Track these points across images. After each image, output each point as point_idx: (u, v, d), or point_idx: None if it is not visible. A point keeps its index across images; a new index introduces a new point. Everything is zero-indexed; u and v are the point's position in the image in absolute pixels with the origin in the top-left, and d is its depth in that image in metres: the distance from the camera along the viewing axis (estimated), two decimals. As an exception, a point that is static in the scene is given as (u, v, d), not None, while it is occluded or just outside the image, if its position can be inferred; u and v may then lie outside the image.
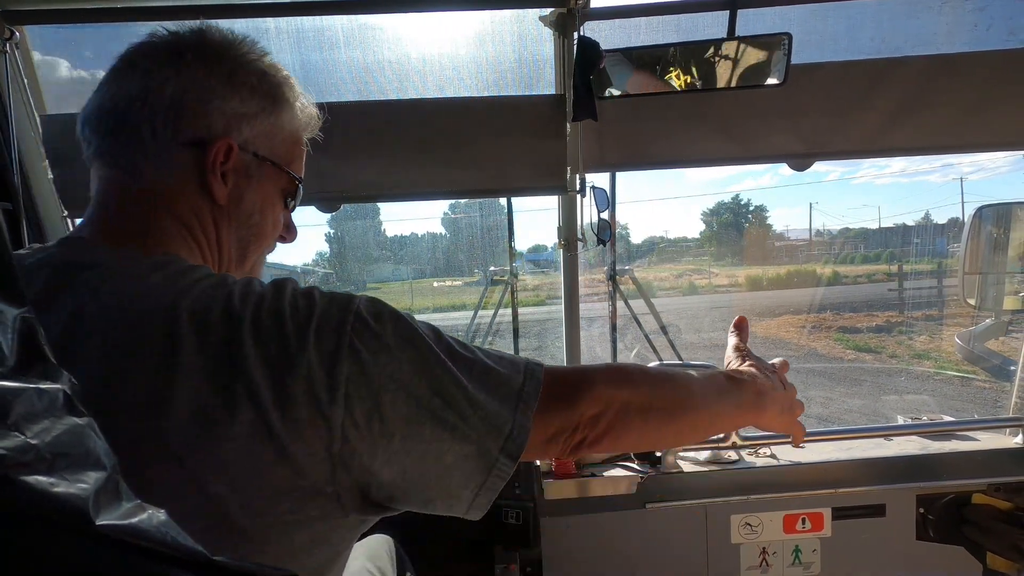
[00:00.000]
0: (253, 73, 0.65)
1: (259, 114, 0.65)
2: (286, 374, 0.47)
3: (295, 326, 0.49)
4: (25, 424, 0.27)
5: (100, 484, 0.28)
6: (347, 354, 0.49)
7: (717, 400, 0.72)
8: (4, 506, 0.25)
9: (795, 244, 23.62)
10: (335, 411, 0.48)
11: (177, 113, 0.60)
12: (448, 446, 0.53)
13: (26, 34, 1.44)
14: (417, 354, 0.53)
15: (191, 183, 0.62)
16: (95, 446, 0.30)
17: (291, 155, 0.70)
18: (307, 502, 0.49)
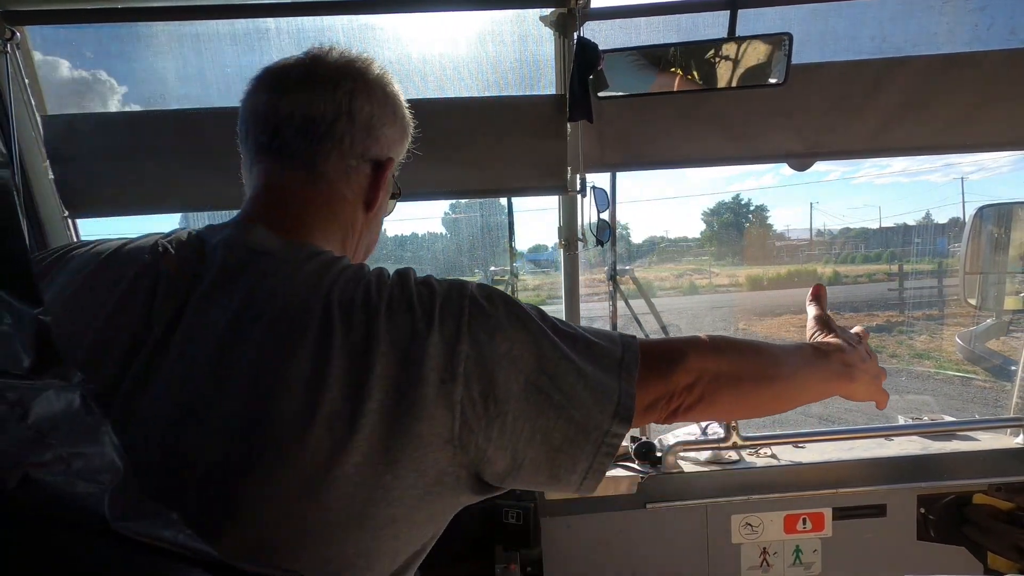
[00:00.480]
0: (402, 106, 0.75)
1: (400, 140, 0.76)
2: (414, 356, 0.52)
3: (422, 312, 0.54)
4: (44, 425, 0.27)
5: (115, 484, 0.29)
6: (466, 335, 0.54)
7: (804, 371, 0.74)
8: (24, 506, 0.25)
9: (796, 244, 23.62)
10: (455, 390, 0.52)
11: (368, 133, 0.69)
12: (555, 424, 0.56)
13: (27, 34, 1.44)
14: (526, 332, 0.57)
15: (359, 194, 0.70)
16: (110, 447, 0.31)
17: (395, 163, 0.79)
18: (428, 482, 0.53)
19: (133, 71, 1.56)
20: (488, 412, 0.53)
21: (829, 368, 0.76)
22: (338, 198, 0.67)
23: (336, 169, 0.66)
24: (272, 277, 0.56)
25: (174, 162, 1.49)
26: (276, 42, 1.53)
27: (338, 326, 0.52)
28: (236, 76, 1.56)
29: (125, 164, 1.49)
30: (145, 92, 1.57)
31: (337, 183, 0.67)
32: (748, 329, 12.53)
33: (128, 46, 1.55)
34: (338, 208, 0.68)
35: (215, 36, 1.50)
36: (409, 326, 0.53)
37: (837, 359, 0.76)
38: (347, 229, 0.69)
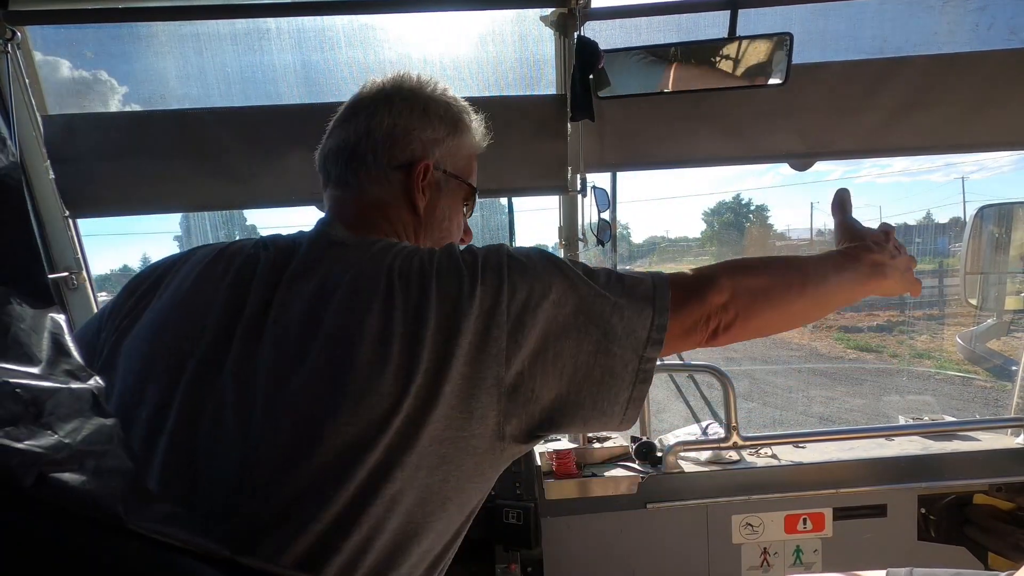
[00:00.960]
0: (440, 106, 0.80)
1: (446, 138, 0.80)
2: (462, 309, 0.59)
3: (468, 272, 0.62)
4: (58, 423, 0.28)
5: (128, 482, 0.29)
6: (506, 285, 0.61)
7: (835, 276, 0.78)
8: (40, 503, 0.25)
9: (796, 244, 23.58)
10: (501, 335, 0.59)
11: (391, 143, 0.76)
12: (595, 359, 0.62)
13: (27, 34, 1.44)
14: (562, 277, 0.64)
15: (400, 197, 0.77)
16: (122, 445, 0.31)
17: (469, 168, 0.85)
18: (476, 427, 0.59)
19: (133, 71, 1.56)
20: (531, 353, 0.60)
21: (859, 270, 0.80)
22: (381, 204, 0.77)
23: (369, 181, 0.77)
24: (346, 259, 0.65)
25: (175, 162, 1.49)
26: (276, 42, 1.54)
27: (398, 291, 0.60)
28: (236, 76, 1.56)
29: (126, 164, 1.49)
30: (145, 92, 1.57)
31: (374, 192, 0.77)
32: (748, 329, 12.51)
33: (128, 46, 1.55)
34: (385, 212, 0.77)
35: (215, 36, 1.50)
36: (457, 284, 0.61)
37: (867, 260, 0.80)
38: (399, 231, 0.77)
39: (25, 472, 0.25)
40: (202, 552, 0.31)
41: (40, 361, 0.28)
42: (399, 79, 0.82)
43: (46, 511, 0.26)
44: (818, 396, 7.82)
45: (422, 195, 0.78)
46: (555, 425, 0.63)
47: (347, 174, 0.78)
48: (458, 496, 0.61)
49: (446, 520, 0.62)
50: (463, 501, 0.63)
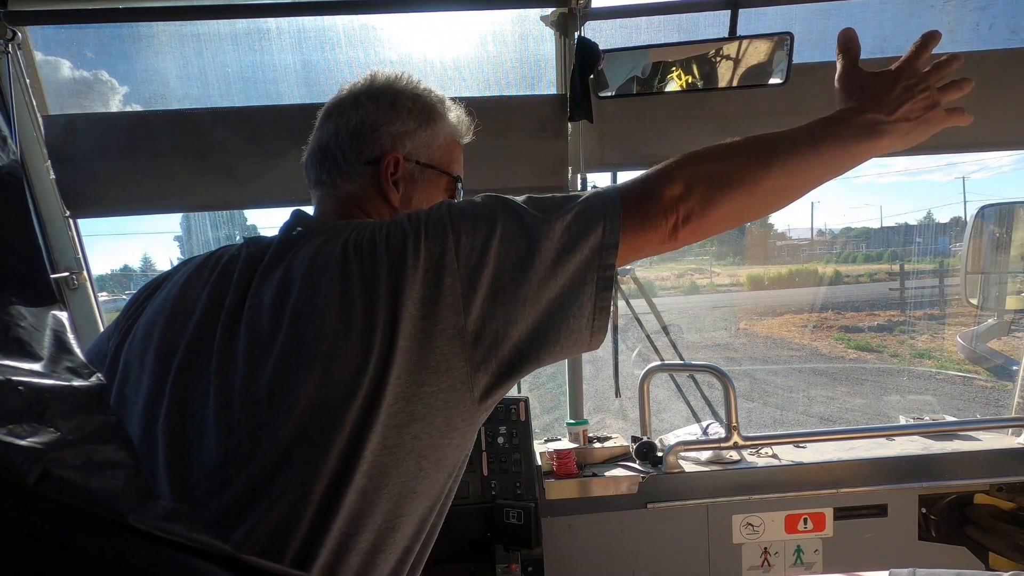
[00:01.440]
0: (408, 98, 0.81)
1: (417, 130, 0.81)
2: (410, 262, 0.60)
3: (411, 228, 0.63)
4: (60, 421, 0.28)
5: (129, 479, 0.29)
6: (450, 231, 0.62)
7: (811, 145, 0.72)
8: (43, 500, 0.26)
9: (797, 243, 23.58)
10: (454, 283, 0.60)
11: (358, 140, 0.79)
12: (554, 282, 0.62)
13: (28, 34, 1.44)
14: (506, 209, 0.64)
15: (374, 191, 0.79)
16: (125, 442, 0.31)
17: (448, 158, 0.85)
18: (443, 380, 0.60)
19: (134, 71, 1.56)
20: (489, 294, 0.61)
21: (842, 134, 0.72)
22: (356, 199, 0.79)
23: (342, 178, 0.79)
24: (310, 243, 0.67)
25: (175, 162, 1.49)
26: (277, 42, 1.54)
27: (353, 260, 0.62)
28: (237, 76, 1.56)
29: (126, 164, 1.49)
30: (146, 92, 1.57)
31: (348, 188, 0.79)
32: (749, 328, 12.53)
33: (129, 46, 1.55)
34: (362, 206, 0.79)
35: (216, 36, 1.51)
36: (402, 243, 0.62)
37: (857, 121, 0.72)
38: (376, 219, 0.77)
39: (28, 469, 0.25)
40: (204, 549, 0.31)
41: (42, 359, 0.29)
42: (371, 77, 0.84)
43: (49, 508, 0.26)
44: (819, 396, 7.81)
45: (394, 188, 0.79)
46: (528, 359, 0.63)
47: (322, 174, 0.80)
48: (432, 454, 0.61)
49: (426, 482, 0.62)
50: (439, 458, 0.63)
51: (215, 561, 0.31)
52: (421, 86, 0.84)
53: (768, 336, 11.84)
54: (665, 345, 1.99)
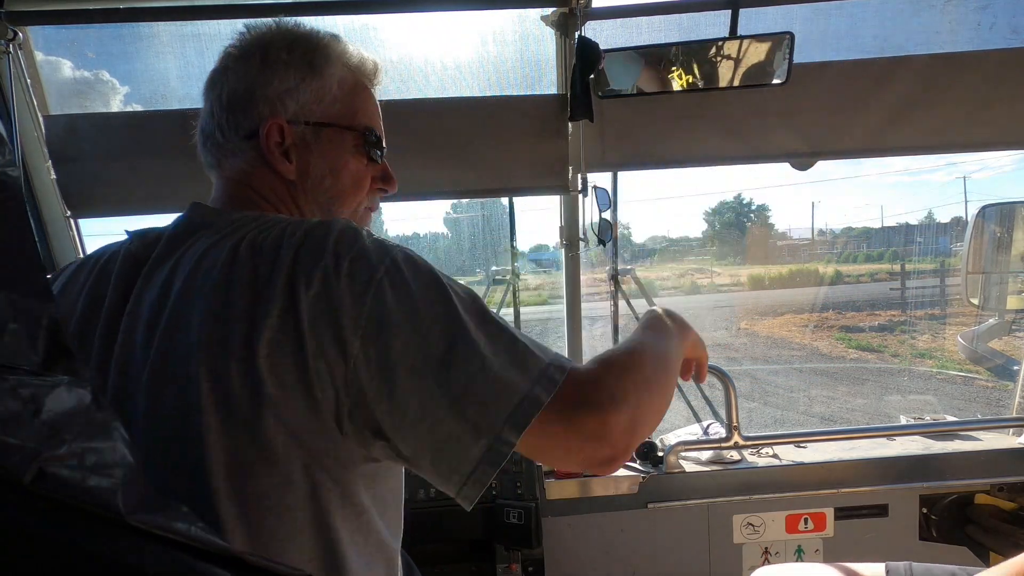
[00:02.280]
0: (282, 49, 0.69)
1: (300, 84, 0.68)
2: (307, 291, 0.52)
3: (333, 256, 0.54)
4: (57, 420, 0.28)
5: (127, 478, 0.29)
6: (373, 291, 0.53)
7: (675, 345, 0.73)
8: (40, 499, 0.26)
9: (797, 243, 23.58)
10: (354, 342, 0.52)
11: (232, 112, 0.68)
12: (446, 415, 0.52)
13: (29, 35, 1.44)
14: (443, 307, 0.54)
15: (263, 167, 0.69)
16: (121, 441, 0.31)
17: (350, 109, 0.72)
18: (318, 423, 0.53)
19: (135, 71, 1.56)
20: (380, 375, 0.52)
21: (673, 334, 0.74)
22: (246, 178, 0.69)
23: (226, 157, 0.70)
24: (204, 239, 0.60)
25: (176, 162, 1.49)
26: (277, 42, 1.53)
27: (245, 263, 0.54)
28: (237, 76, 1.56)
29: (127, 164, 1.49)
30: (147, 92, 1.57)
31: (235, 166, 0.70)
32: (750, 328, 12.52)
33: (130, 46, 1.55)
34: (253, 185, 0.69)
35: (217, 36, 1.50)
36: (312, 264, 0.53)
37: (667, 322, 0.76)
38: (273, 201, 0.70)
39: (24, 468, 0.25)
40: (202, 547, 0.31)
41: (38, 359, 0.29)
42: (241, 35, 0.72)
43: (46, 507, 0.26)
44: (819, 396, 7.81)
45: (284, 160, 0.68)
46: (398, 457, 0.56)
47: (208, 156, 0.72)
48: (325, 481, 0.54)
49: (330, 516, 0.55)
50: (342, 495, 0.56)
51: (214, 560, 0.31)
52: (299, 30, 0.72)
53: (769, 336, 11.84)
54: (666, 345, 1.99)
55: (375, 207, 0.80)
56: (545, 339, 7.11)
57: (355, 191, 0.74)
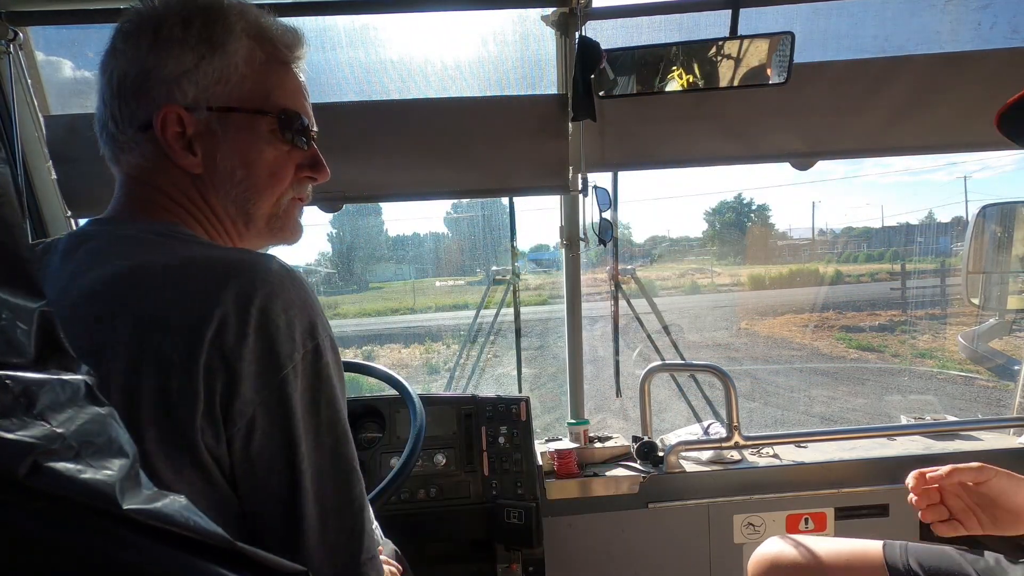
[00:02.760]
0: (175, 26, 0.59)
1: (200, 64, 0.59)
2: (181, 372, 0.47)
3: (237, 318, 0.49)
4: (50, 414, 0.28)
5: (124, 471, 0.29)
6: (269, 395, 0.50)
7: None
8: (34, 493, 0.25)
9: (798, 243, 23.55)
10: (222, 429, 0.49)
11: (123, 100, 0.60)
12: None
13: (29, 35, 1.44)
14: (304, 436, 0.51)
15: (164, 161, 0.61)
16: (118, 434, 0.31)
17: (263, 88, 0.63)
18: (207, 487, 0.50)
19: (135, 71, 1.56)
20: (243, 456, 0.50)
21: None
22: (147, 175, 0.62)
23: (123, 151, 0.62)
24: (83, 257, 0.54)
25: (176, 162, 1.49)
26: (278, 42, 1.53)
27: (131, 297, 0.49)
28: (238, 76, 1.56)
29: (127, 164, 1.49)
30: (147, 92, 1.57)
31: (133, 162, 0.62)
32: (750, 328, 12.51)
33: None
34: (156, 183, 0.62)
35: (217, 36, 1.50)
36: (206, 309, 0.48)
37: None
38: (178, 199, 0.62)
39: (18, 462, 0.25)
40: (200, 539, 0.31)
41: (30, 355, 0.29)
42: (134, 10, 0.61)
43: (41, 500, 0.26)
44: (820, 396, 7.80)
45: (187, 152, 0.60)
46: None
47: (106, 150, 0.63)
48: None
49: None
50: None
51: (212, 555, 0.31)
52: (200, 2, 0.60)
53: (769, 336, 11.83)
54: (666, 345, 1.99)
55: (305, 197, 0.72)
56: (545, 339, 7.13)
57: (274, 182, 0.65)
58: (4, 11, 1.35)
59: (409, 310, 11.54)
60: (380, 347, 9.66)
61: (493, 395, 1.59)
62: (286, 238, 0.71)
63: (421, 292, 13.17)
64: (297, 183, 0.68)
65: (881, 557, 1.10)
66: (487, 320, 2.21)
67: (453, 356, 2.49)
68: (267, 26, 0.63)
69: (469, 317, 2.37)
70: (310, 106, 0.69)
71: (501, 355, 4.07)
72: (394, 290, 13.23)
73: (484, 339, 2.29)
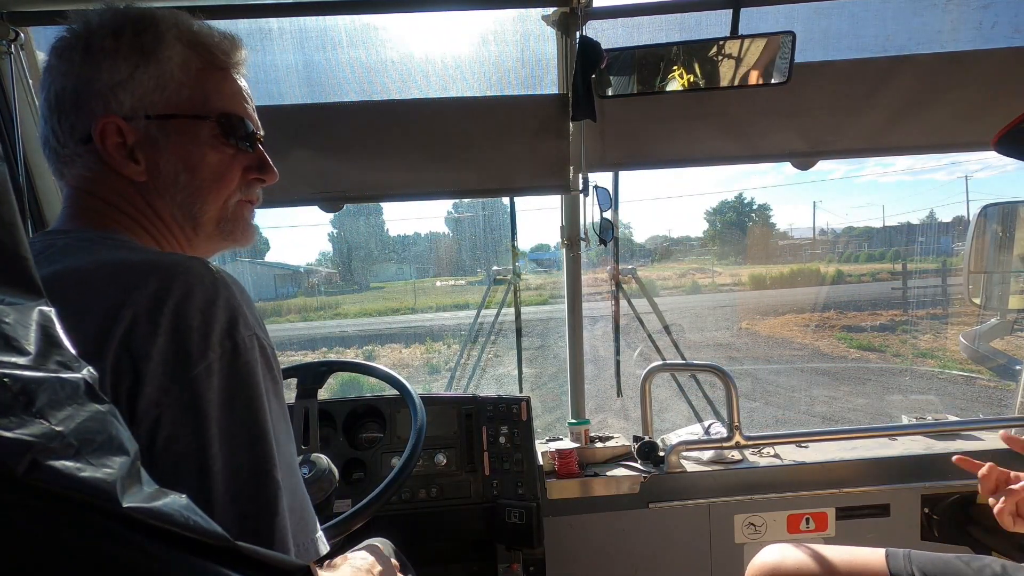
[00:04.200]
0: (105, 36, 0.60)
1: (134, 73, 0.60)
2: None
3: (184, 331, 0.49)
4: (50, 412, 0.28)
5: (124, 469, 0.29)
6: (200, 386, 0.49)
7: None
8: (33, 490, 0.25)
9: (799, 243, 23.53)
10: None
11: (63, 115, 0.60)
12: None
13: (31, 35, 1.44)
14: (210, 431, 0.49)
15: (107, 172, 0.61)
16: (118, 432, 0.31)
17: (200, 93, 0.64)
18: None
19: (136, 71, 1.56)
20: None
21: None
22: (91, 187, 0.62)
23: (66, 165, 0.63)
24: (56, 262, 0.54)
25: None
26: (278, 42, 1.54)
27: (58, 299, 0.48)
28: (239, 76, 1.56)
29: (128, 164, 1.49)
30: (148, 92, 1.57)
31: (77, 175, 0.62)
32: (751, 328, 12.51)
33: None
34: (100, 195, 0.62)
35: (218, 36, 1.51)
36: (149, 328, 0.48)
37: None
38: (122, 207, 0.62)
39: (16, 460, 0.25)
40: (199, 537, 0.31)
41: (29, 353, 0.28)
42: (68, 28, 0.62)
43: (40, 498, 0.26)
44: (821, 395, 7.80)
45: (130, 161, 0.61)
46: None
47: (51, 165, 0.64)
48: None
49: None
50: None
51: (210, 552, 0.31)
52: (131, 11, 0.61)
53: (770, 336, 11.82)
54: (667, 345, 1.99)
55: (254, 199, 0.72)
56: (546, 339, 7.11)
57: (219, 186, 0.66)
58: (5, 11, 1.35)
59: (410, 310, 11.54)
60: (381, 347, 9.65)
61: (494, 395, 1.59)
62: (237, 241, 0.71)
63: (422, 292, 13.16)
64: (245, 185, 0.69)
65: (884, 566, 1.09)
66: (488, 320, 2.21)
67: (454, 356, 2.49)
68: (202, 33, 0.65)
69: (470, 317, 2.37)
70: (253, 109, 0.71)
71: (502, 355, 4.07)
72: (395, 290, 13.22)
73: (485, 339, 2.29)
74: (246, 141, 0.67)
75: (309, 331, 10.09)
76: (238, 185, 0.68)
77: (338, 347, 9.14)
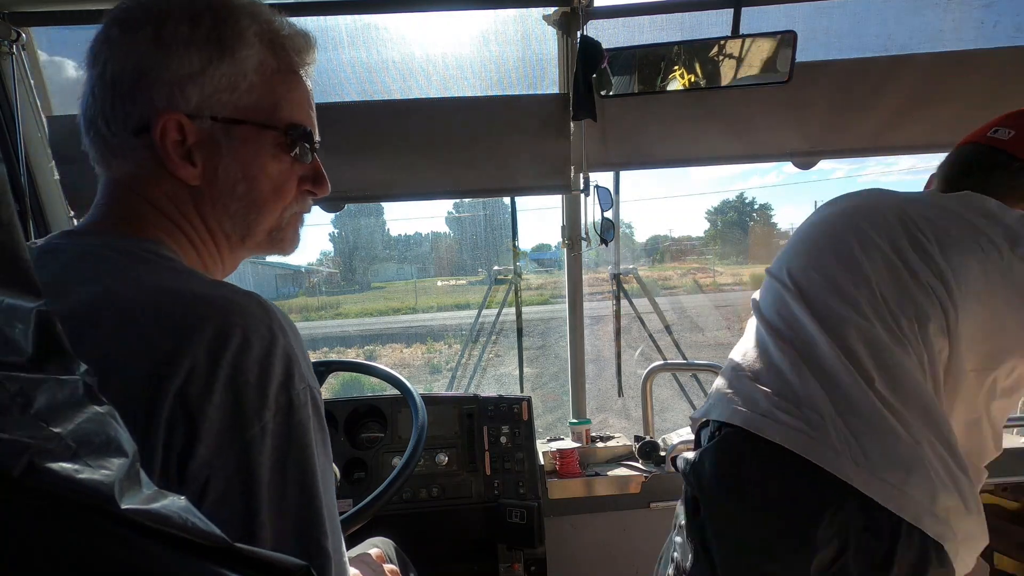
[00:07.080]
0: (181, 23, 0.53)
1: (207, 68, 0.54)
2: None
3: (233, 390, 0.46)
4: (48, 414, 0.28)
5: (123, 471, 0.29)
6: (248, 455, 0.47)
7: None
8: (31, 493, 0.25)
9: (800, 242, 23.43)
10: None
11: (119, 98, 0.55)
12: None
13: (32, 35, 1.44)
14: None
15: (159, 170, 0.56)
16: (117, 434, 0.31)
17: (273, 99, 0.58)
18: None
19: (137, 72, 1.56)
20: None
21: None
22: (137, 182, 0.57)
23: (112, 154, 0.57)
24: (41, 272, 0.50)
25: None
26: (280, 42, 1.54)
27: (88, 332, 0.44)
28: (240, 76, 1.56)
29: (130, 164, 1.49)
30: (149, 92, 1.57)
31: (123, 167, 0.57)
32: (752, 328, 12.49)
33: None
34: (145, 192, 0.57)
35: (219, 36, 1.51)
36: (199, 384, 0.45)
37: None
38: (170, 213, 0.57)
39: (13, 462, 0.25)
40: (198, 540, 0.31)
41: (27, 354, 0.28)
42: (113, 14, 0.56)
43: (36, 500, 0.26)
44: (822, 395, 7.77)
45: (187, 163, 0.55)
46: None
47: (93, 150, 0.59)
48: None
49: None
50: None
51: (209, 555, 0.31)
52: (201, 1, 0.55)
53: (771, 335, 11.78)
54: (668, 344, 1.99)
55: (306, 209, 0.68)
56: (547, 339, 7.11)
57: (276, 198, 0.62)
58: (7, 12, 1.35)
59: (411, 310, 11.49)
60: (382, 347, 9.63)
61: (495, 395, 1.59)
62: (284, 249, 0.68)
63: (423, 292, 13.13)
64: (298, 197, 0.65)
65: None
66: (489, 320, 2.21)
67: (455, 356, 2.49)
68: (279, 30, 0.59)
69: (471, 317, 2.37)
70: (315, 114, 0.67)
71: (503, 355, 4.07)
72: (396, 290, 13.18)
73: (486, 339, 2.29)
74: (307, 153, 0.63)
75: (310, 331, 10.06)
76: (295, 197, 0.64)
77: (339, 347, 9.11)
